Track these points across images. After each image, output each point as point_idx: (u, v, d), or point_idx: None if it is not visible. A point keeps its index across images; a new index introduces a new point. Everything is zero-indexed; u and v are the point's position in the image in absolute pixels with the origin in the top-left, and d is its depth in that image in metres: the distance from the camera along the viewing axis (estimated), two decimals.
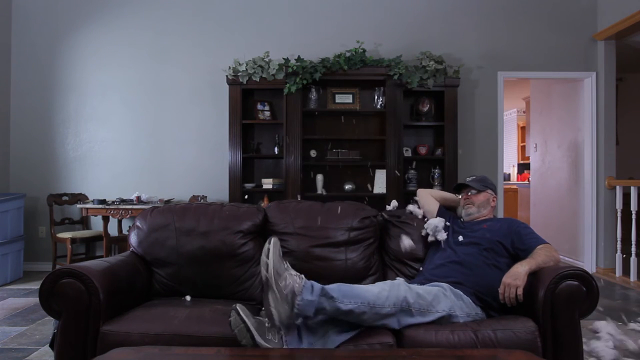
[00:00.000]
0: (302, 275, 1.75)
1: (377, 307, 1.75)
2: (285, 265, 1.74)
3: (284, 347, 1.67)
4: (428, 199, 2.46)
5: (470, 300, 1.95)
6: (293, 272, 1.74)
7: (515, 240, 2.12)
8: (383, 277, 2.33)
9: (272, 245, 1.70)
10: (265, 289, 1.68)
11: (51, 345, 1.92)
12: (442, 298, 1.88)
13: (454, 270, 2.08)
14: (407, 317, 1.81)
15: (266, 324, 1.70)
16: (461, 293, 1.95)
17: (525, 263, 1.94)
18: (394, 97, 4.68)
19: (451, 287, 1.96)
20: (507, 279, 1.90)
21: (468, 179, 2.42)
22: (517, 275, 1.89)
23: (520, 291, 1.86)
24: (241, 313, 1.66)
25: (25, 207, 4.82)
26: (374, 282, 2.27)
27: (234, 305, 1.69)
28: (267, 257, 1.68)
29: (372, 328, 1.81)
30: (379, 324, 1.78)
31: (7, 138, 5.06)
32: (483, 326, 1.84)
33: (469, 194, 2.37)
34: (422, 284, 2.07)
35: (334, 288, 1.74)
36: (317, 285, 1.73)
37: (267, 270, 1.66)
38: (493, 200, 2.39)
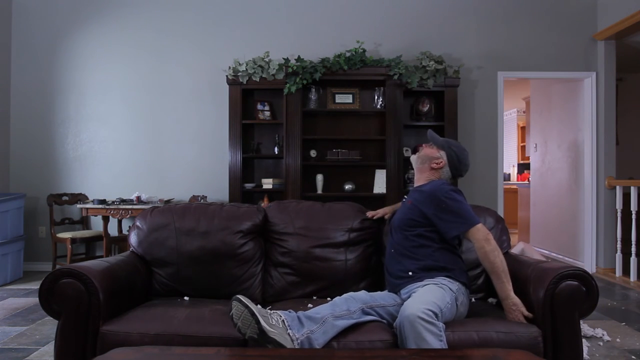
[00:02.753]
0: (276, 311, 1.76)
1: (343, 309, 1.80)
2: (259, 307, 1.73)
3: (288, 331, 1.67)
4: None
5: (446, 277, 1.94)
6: (265, 310, 1.76)
7: (438, 225, 2.00)
8: (382, 278, 2.33)
9: (244, 299, 1.67)
10: (262, 338, 1.63)
11: None
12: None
13: (397, 262, 2.04)
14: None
15: (268, 311, 1.71)
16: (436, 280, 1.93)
17: (503, 289, 1.88)
18: (394, 97, 4.68)
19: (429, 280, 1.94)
20: (509, 315, 1.88)
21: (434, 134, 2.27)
22: (513, 308, 1.86)
23: (526, 312, 1.85)
24: (243, 300, 1.66)
25: (25, 207, 4.82)
26: (372, 283, 2.28)
27: (233, 297, 1.69)
28: (247, 309, 1.65)
29: (373, 325, 1.82)
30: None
31: (7, 138, 5.06)
32: (484, 326, 1.84)
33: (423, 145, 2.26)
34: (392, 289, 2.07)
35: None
36: (294, 315, 1.74)
37: (257, 322, 1.62)
38: (436, 162, 2.15)
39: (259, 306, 1.72)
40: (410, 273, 1.98)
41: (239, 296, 1.68)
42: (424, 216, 2.02)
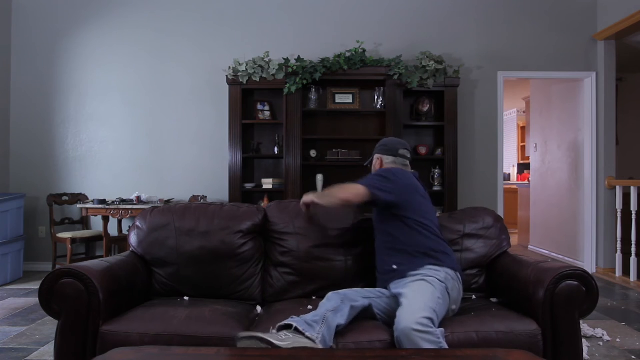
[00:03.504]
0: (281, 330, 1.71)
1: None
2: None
3: (306, 334, 1.64)
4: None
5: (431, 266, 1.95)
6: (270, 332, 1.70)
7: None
8: None
9: (246, 334, 1.61)
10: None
11: None
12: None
13: (382, 259, 2.09)
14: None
15: (273, 332, 1.66)
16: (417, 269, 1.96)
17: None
18: (394, 97, 4.68)
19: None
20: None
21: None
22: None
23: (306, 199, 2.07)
24: (246, 335, 1.59)
25: (25, 207, 4.82)
26: (372, 282, 2.27)
27: (238, 338, 1.61)
28: (255, 338, 1.59)
29: (371, 325, 1.83)
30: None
31: (7, 138, 5.06)
32: (483, 326, 1.84)
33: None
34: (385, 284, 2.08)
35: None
36: (301, 320, 1.71)
37: (270, 343, 1.58)
38: (378, 163, 2.30)
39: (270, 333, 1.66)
40: (394, 267, 2.00)
41: (242, 334, 1.60)
42: (378, 205, 2.08)
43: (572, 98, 5.47)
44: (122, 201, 4.48)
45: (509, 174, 9.69)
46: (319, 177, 4.79)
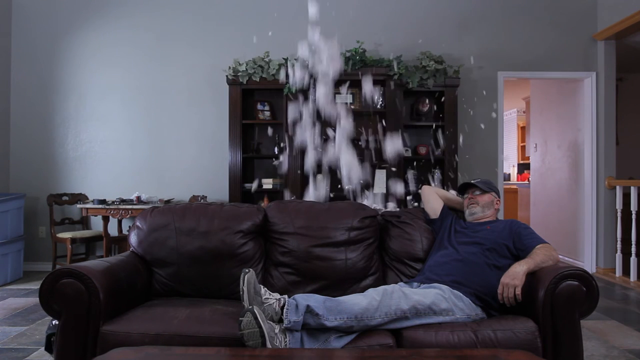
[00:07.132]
0: (284, 296, 1.83)
1: (366, 319, 1.76)
2: (262, 291, 1.83)
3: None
4: (433, 197, 2.46)
5: (470, 301, 1.94)
6: (272, 295, 1.84)
7: (516, 241, 2.13)
8: (383, 277, 2.34)
9: (259, 315, 1.67)
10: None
11: (47, 349, 1.91)
12: (441, 301, 1.88)
13: (454, 268, 2.07)
14: (403, 321, 1.83)
15: (275, 330, 1.71)
16: (461, 294, 1.94)
17: (524, 263, 1.94)
18: (394, 97, 4.67)
19: (451, 288, 1.95)
20: (505, 278, 1.91)
21: (473, 180, 2.43)
22: (515, 275, 1.89)
23: (518, 291, 1.87)
24: (258, 317, 1.65)
25: (25, 207, 4.82)
26: (373, 282, 2.28)
27: (250, 307, 1.68)
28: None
29: (371, 329, 1.82)
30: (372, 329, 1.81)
31: (7, 138, 5.05)
32: (483, 326, 1.84)
33: (474, 194, 2.38)
34: (422, 282, 2.08)
35: (319, 305, 1.75)
36: (302, 303, 1.74)
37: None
38: (497, 203, 2.40)
39: (270, 323, 1.72)
40: (467, 289, 1.98)
41: (255, 310, 1.66)
42: (504, 246, 2.14)
43: (572, 98, 5.47)
44: (122, 201, 4.48)
45: (509, 174, 9.69)
46: (319, 177, 4.79)
